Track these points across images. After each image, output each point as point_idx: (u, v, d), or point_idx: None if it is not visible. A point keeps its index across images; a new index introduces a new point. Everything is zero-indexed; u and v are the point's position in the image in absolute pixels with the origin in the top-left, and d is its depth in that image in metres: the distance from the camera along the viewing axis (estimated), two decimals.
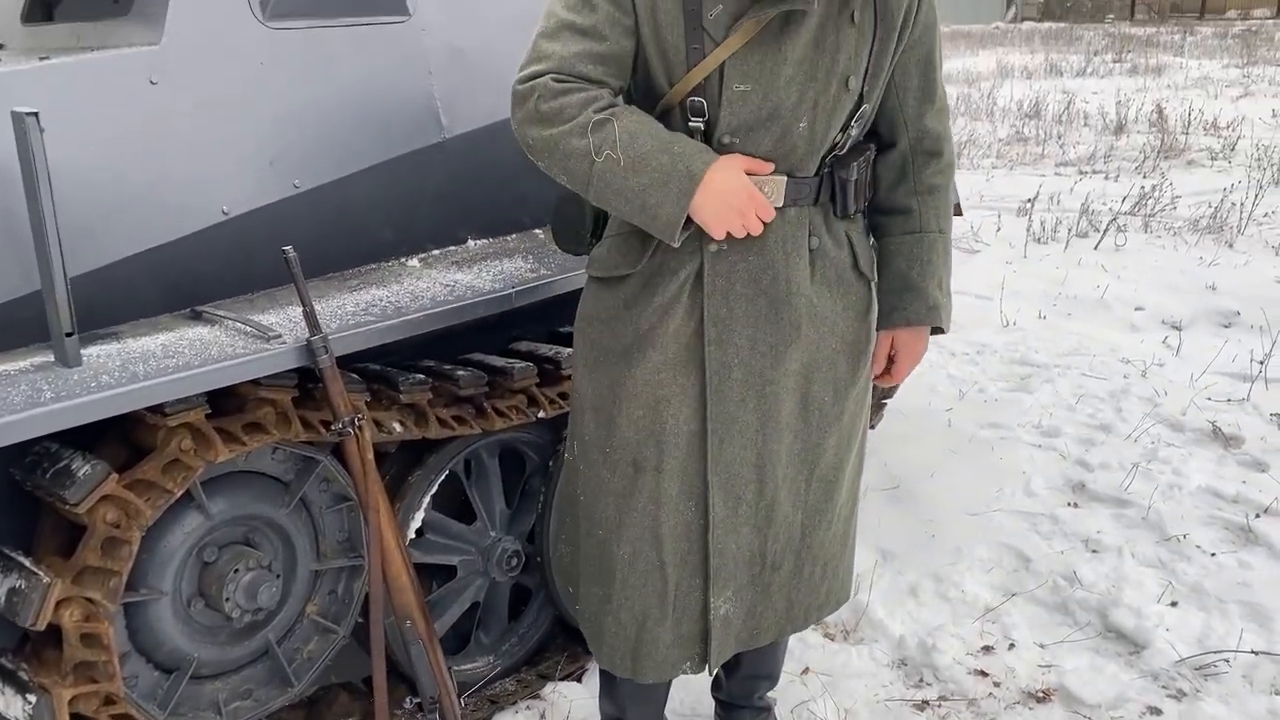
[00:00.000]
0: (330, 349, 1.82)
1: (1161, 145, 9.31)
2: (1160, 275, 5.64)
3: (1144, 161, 8.79)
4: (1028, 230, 6.53)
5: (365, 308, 1.99)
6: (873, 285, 1.86)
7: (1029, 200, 7.25)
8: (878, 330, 1.89)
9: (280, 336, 1.82)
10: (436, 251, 2.36)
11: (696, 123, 1.65)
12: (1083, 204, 6.94)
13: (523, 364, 2.24)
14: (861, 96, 1.70)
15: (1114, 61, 18.33)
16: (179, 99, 1.88)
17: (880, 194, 1.86)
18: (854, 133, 1.73)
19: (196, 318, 1.92)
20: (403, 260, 2.29)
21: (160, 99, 1.86)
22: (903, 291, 1.85)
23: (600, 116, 1.58)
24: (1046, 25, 30.79)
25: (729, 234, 1.65)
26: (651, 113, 1.69)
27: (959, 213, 3.84)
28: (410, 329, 1.95)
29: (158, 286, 1.90)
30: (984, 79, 15.61)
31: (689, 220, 1.62)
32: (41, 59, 1.82)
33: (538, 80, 1.60)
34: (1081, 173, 8.58)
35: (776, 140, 1.66)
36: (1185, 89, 13.99)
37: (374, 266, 2.25)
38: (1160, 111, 10.67)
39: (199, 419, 1.78)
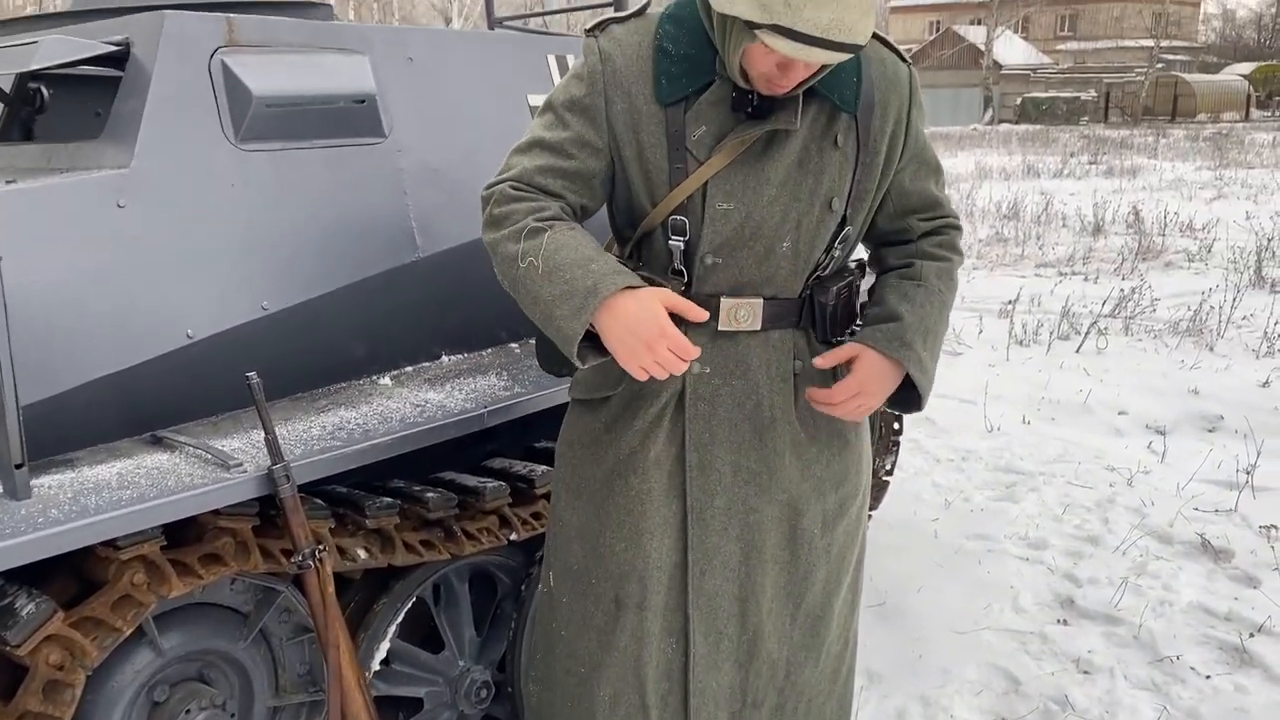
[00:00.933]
0: (292, 477, 1.76)
1: (1139, 247, 9.45)
2: (1142, 379, 5.65)
3: (1122, 263, 8.91)
4: (1010, 333, 6.56)
5: (332, 431, 1.94)
6: None
7: (1010, 302, 7.30)
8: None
9: (241, 464, 1.76)
10: (410, 368, 2.31)
11: (677, 241, 1.63)
12: (1063, 306, 6.99)
13: (495, 484, 2.18)
14: (845, 219, 1.68)
15: (1090, 163, 18.76)
16: (146, 222, 1.85)
17: (885, 264, 1.81)
18: (837, 254, 1.71)
19: (157, 443, 1.86)
20: (374, 378, 2.24)
21: (127, 222, 1.83)
22: (884, 320, 1.70)
23: (537, 224, 1.56)
24: (1023, 127, 31.58)
25: (715, 355, 1.61)
26: (633, 233, 1.67)
27: None
28: (377, 454, 1.89)
29: (118, 411, 1.84)
30: (963, 180, 15.90)
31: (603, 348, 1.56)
32: (8, 182, 1.79)
33: (496, 187, 1.62)
34: (1061, 274, 8.67)
35: (760, 260, 1.64)
36: (1160, 190, 14.29)
37: (345, 385, 2.20)
38: (1137, 213, 10.87)
39: (153, 551, 1.71)
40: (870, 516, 3.58)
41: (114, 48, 1.94)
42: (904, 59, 1.74)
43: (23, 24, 2.38)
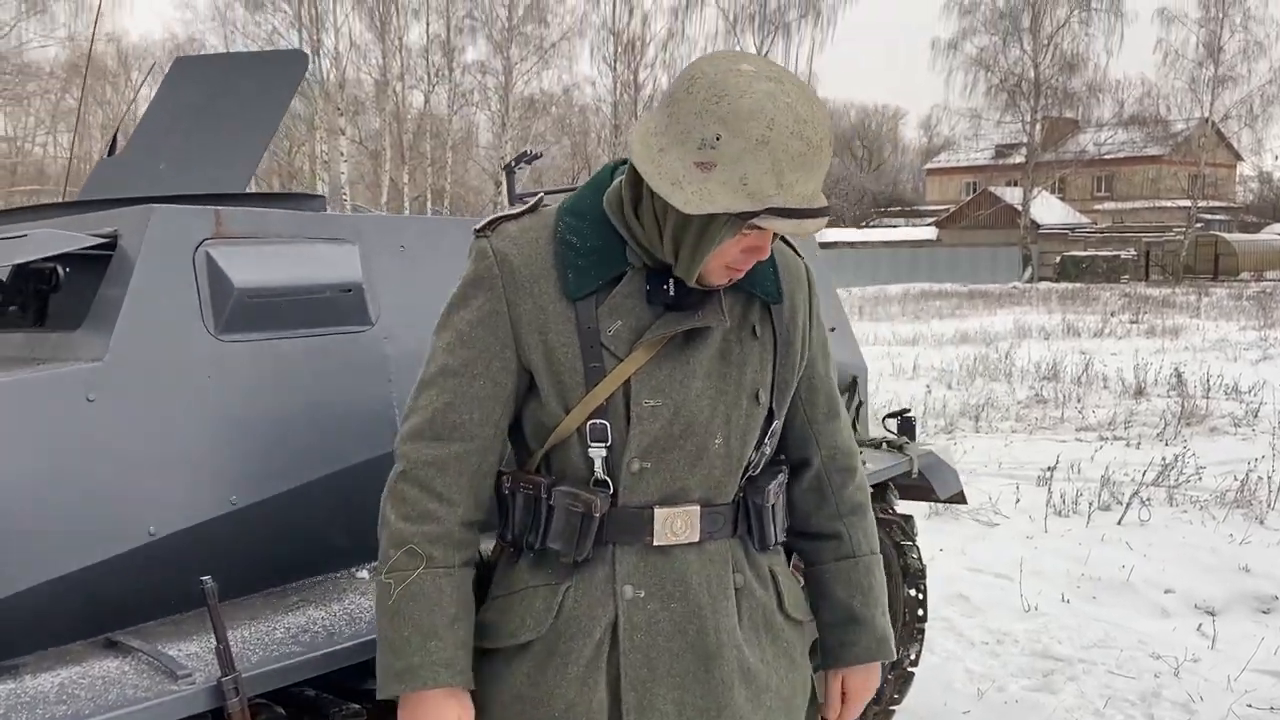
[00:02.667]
0: (242, 690, 1.66)
1: (1183, 410, 9.23)
2: (1189, 553, 5.40)
3: (1165, 428, 8.69)
4: (1048, 502, 6.35)
5: (295, 634, 1.84)
6: (804, 625, 1.70)
7: (1048, 469, 7.11)
8: (825, 669, 1.72)
9: (190, 675, 1.65)
10: None
11: (598, 449, 1.50)
12: (1104, 474, 6.79)
13: None
14: (771, 411, 1.60)
15: (1131, 322, 18.64)
16: (115, 416, 1.81)
17: (801, 520, 1.72)
18: (767, 450, 1.62)
19: (111, 647, 1.77)
20: (354, 570, 2.16)
21: (95, 417, 1.79)
22: (848, 625, 1.70)
23: (417, 548, 1.51)
24: (1063, 285, 31.66)
25: (649, 575, 1.53)
26: (540, 446, 1.55)
27: (962, 499, 3.70)
28: (336, 662, 1.78)
29: (73, 612, 1.76)
30: (1001, 339, 15.85)
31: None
32: None
33: (407, 448, 1.54)
34: (1102, 438, 8.47)
35: (692, 461, 1.53)
36: (1203, 351, 14.09)
37: (322, 579, 2.12)
38: (1179, 375, 10.66)
39: None
40: (893, 711, 3.38)
41: (102, 239, 1.95)
42: (798, 253, 1.70)
43: (24, 214, 2.42)
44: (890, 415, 3.52)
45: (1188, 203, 40.10)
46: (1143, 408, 9.79)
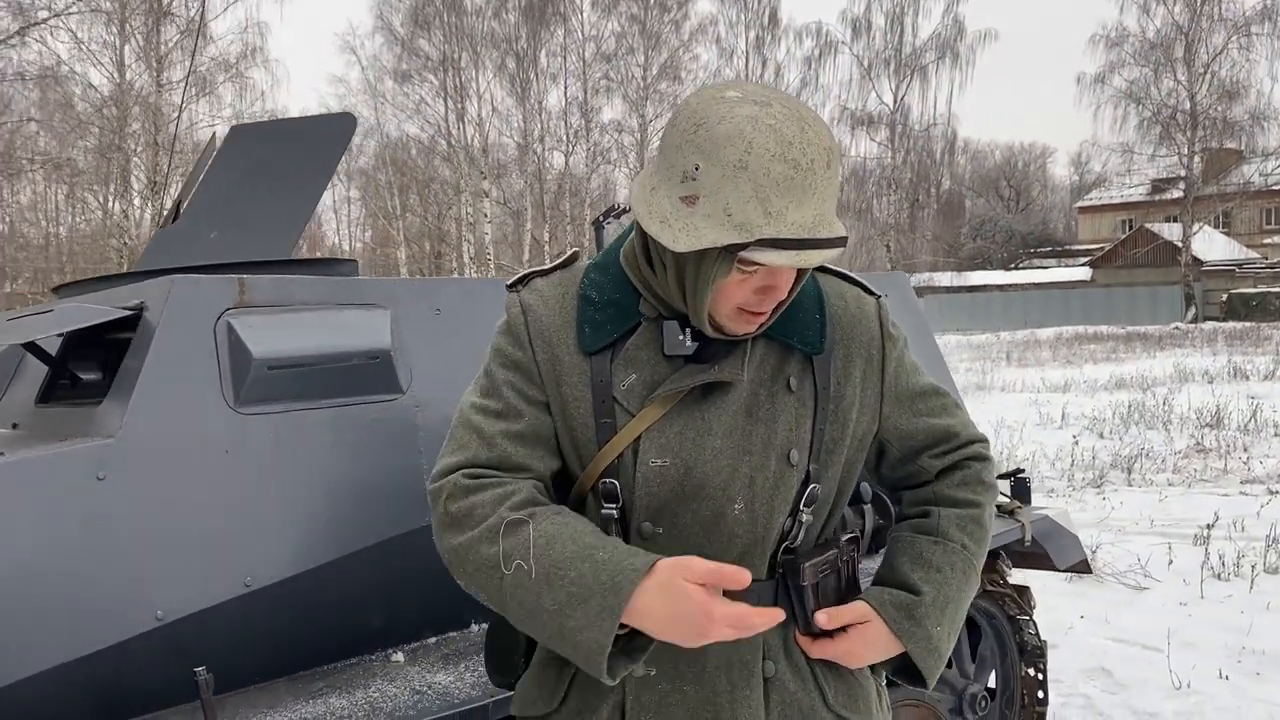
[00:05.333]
0: None
1: None
2: None
3: None
4: (1204, 564, 5.80)
5: None
6: None
7: (1207, 526, 6.52)
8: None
9: None
10: (432, 640, 2.11)
11: (610, 509, 1.38)
12: (1270, 532, 6.17)
13: None
14: (809, 474, 1.41)
15: None
16: (125, 495, 1.76)
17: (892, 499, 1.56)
18: (807, 520, 1.42)
19: None
20: (389, 652, 2.04)
21: (104, 496, 1.74)
22: (894, 585, 1.45)
23: (515, 516, 1.31)
24: (1230, 325, 29.79)
25: (661, 652, 1.33)
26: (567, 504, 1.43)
27: (1085, 569, 3.34)
28: None
29: (76, 701, 1.70)
30: (1160, 384, 14.91)
31: (639, 646, 1.29)
32: None
33: (448, 478, 1.37)
34: (1271, 492, 7.76)
35: (707, 527, 1.36)
36: None
37: (354, 661, 2.01)
38: None
39: None
40: None
41: (128, 312, 1.92)
42: (870, 291, 1.51)
43: (85, 285, 2.43)
44: (1002, 476, 3.22)
45: None
46: None
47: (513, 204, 35.33)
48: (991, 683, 3.21)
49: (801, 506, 1.42)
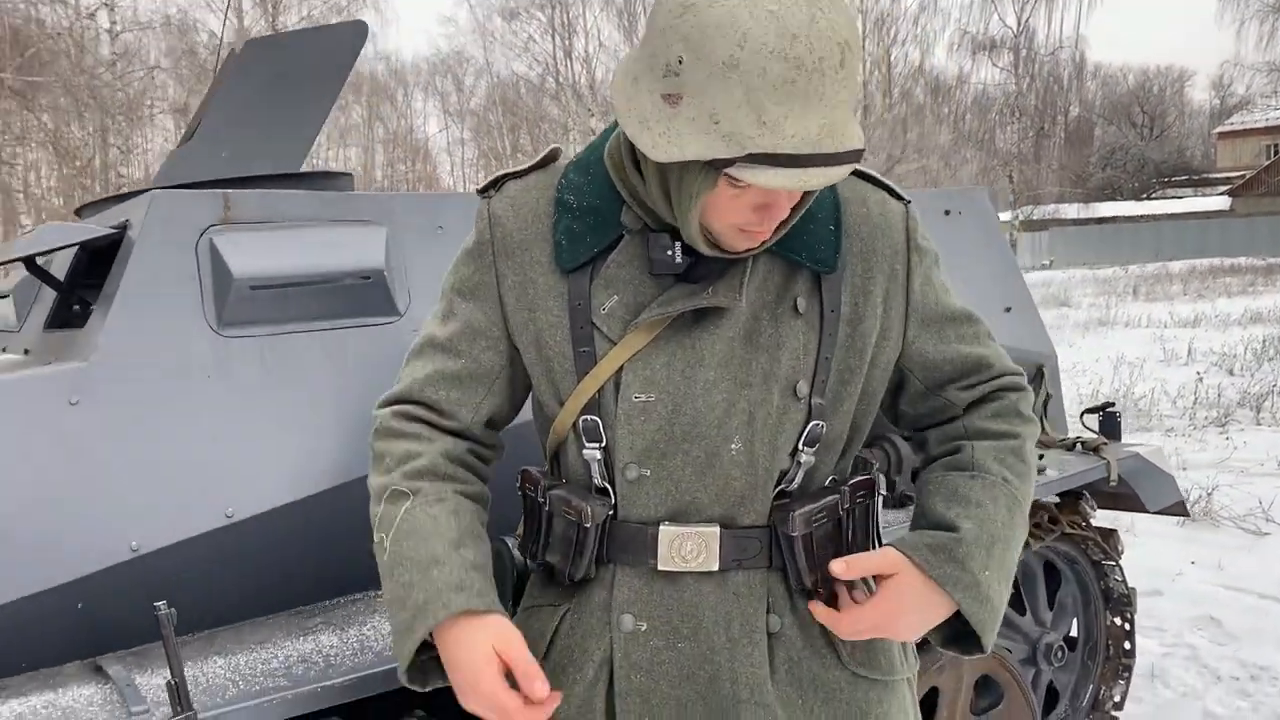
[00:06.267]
0: None
1: None
2: None
3: None
4: None
5: (290, 665, 1.64)
6: (889, 683, 1.31)
7: None
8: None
9: (147, 710, 1.49)
10: None
11: (593, 449, 1.24)
12: None
13: None
14: (812, 409, 1.23)
15: None
16: (99, 421, 1.68)
17: (927, 452, 1.39)
18: (806, 461, 1.25)
19: (96, 672, 1.64)
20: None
21: (77, 422, 1.66)
22: (930, 527, 1.28)
23: (401, 486, 1.25)
24: None
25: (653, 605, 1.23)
26: (547, 444, 1.31)
27: (1182, 511, 3.03)
28: (316, 701, 1.56)
29: (57, 633, 1.64)
30: None
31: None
32: None
33: (382, 410, 1.33)
34: None
35: (700, 469, 1.21)
36: None
37: (358, 597, 1.92)
38: None
39: None
40: None
41: (108, 231, 1.83)
42: (898, 195, 1.28)
43: (99, 205, 2.36)
44: (1089, 410, 2.95)
45: None
46: None
47: None
48: (1074, 632, 2.97)
49: (802, 445, 1.24)
